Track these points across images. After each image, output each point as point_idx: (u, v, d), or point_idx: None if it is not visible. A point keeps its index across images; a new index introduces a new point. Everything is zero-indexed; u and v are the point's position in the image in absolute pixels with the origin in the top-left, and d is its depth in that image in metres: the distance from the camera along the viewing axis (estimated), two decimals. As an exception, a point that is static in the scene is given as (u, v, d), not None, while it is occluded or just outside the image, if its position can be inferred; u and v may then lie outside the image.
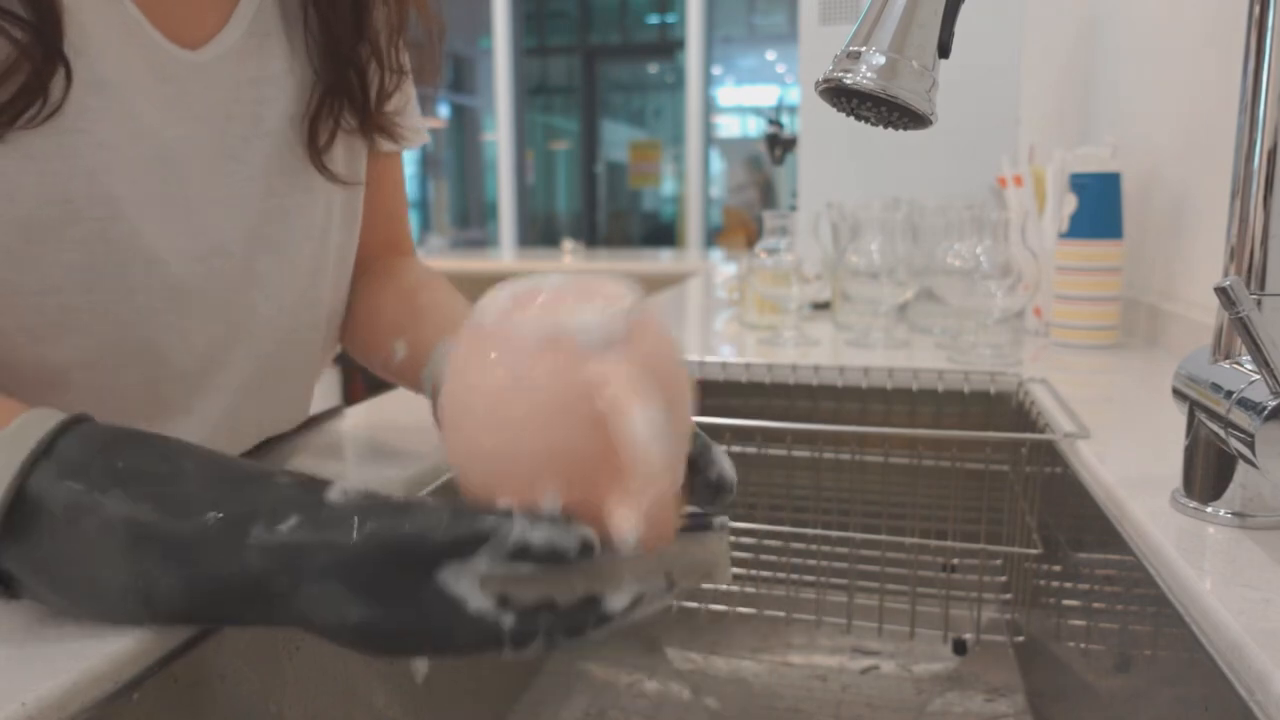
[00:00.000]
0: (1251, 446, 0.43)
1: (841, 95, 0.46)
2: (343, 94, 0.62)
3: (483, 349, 0.36)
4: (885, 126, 0.46)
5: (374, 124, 0.64)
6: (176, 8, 0.53)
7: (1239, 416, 0.45)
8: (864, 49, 0.44)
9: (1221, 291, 0.42)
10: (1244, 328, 0.42)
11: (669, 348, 0.37)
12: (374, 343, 0.67)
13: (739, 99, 7.18)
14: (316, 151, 0.61)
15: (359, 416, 0.77)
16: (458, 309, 0.65)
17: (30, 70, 0.44)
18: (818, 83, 0.46)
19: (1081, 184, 1.09)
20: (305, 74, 0.61)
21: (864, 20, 0.45)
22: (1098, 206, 1.09)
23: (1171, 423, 0.53)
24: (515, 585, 0.34)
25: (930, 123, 0.46)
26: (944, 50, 0.45)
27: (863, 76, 0.44)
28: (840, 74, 0.45)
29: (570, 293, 0.36)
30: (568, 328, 0.34)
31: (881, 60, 0.44)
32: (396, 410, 0.79)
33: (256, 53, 0.58)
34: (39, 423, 0.39)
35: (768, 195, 5.18)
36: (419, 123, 0.71)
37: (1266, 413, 0.42)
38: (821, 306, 1.40)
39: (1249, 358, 0.47)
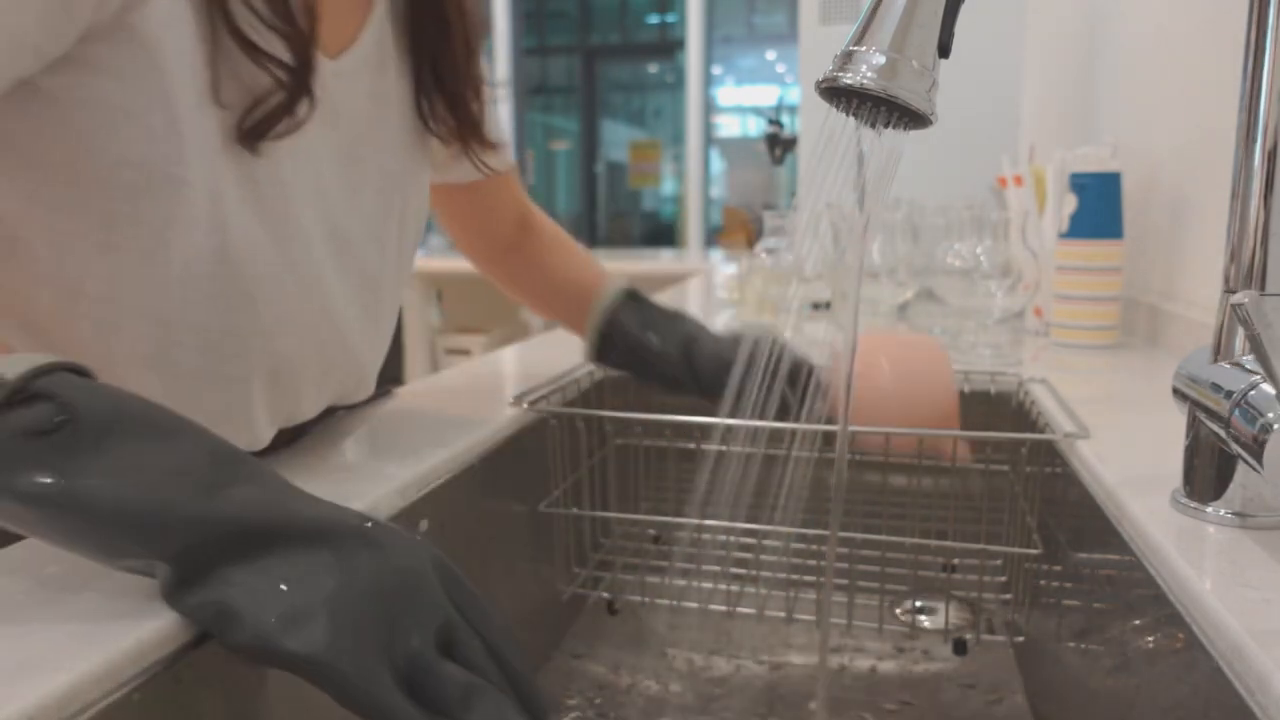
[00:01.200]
0: (1259, 457, 0.43)
1: (841, 95, 0.45)
2: (444, 102, 0.68)
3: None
4: (886, 126, 0.46)
5: (471, 131, 0.71)
6: (324, 15, 0.57)
7: (1242, 421, 0.44)
8: (863, 49, 0.44)
9: (1236, 309, 0.42)
10: (1259, 345, 0.42)
11: None
12: (557, 297, 0.89)
13: (739, 99, 7.17)
14: (427, 154, 0.70)
15: (364, 414, 0.77)
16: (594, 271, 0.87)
17: (284, 98, 0.53)
18: (817, 83, 0.46)
19: (1081, 184, 1.09)
20: (407, 86, 0.67)
21: (864, 20, 0.45)
22: (1098, 206, 1.09)
23: (1171, 423, 0.53)
24: None
25: (930, 123, 0.46)
26: (944, 50, 0.45)
27: (862, 76, 0.44)
28: (840, 74, 0.44)
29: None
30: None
31: (881, 60, 0.44)
32: (396, 416, 0.79)
33: (378, 65, 0.63)
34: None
35: (769, 199, 5.18)
36: (501, 135, 0.80)
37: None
38: (821, 306, 1.40)
39: (1249, 358, 0.47)
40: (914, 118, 0.45)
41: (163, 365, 0.54)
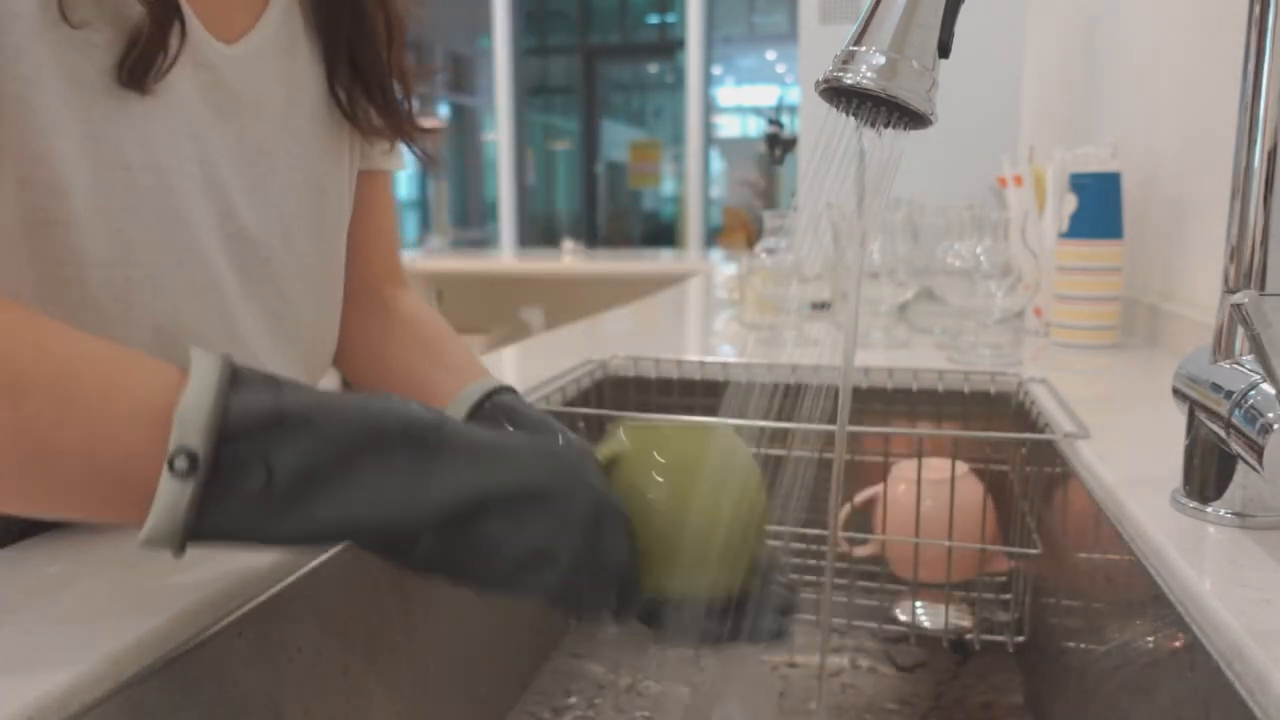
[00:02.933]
0: (1259, 457, 0.43)
1: (841, 95, 0.45)
2: (364, 94, 0.64)
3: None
4: (886, 127, 0.46)
5: (401, 126, 0.66)
6: (213, 1, 0.54)
7: (1243, 421, 0.44)
8: (864, 48, 0.44)
9: (1236, 309, 0.43)
10: (1259, 345, 0.42)
11: None
12: (384, 380, 0.70)
13: (739, 99, 7.18)
14: (347, 145, 0.65)
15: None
16: (464, 359, 0.68)
17: (151, 24, 0.47)
18: (817, 83, 0.46)
19: (1081, 184, 1.09)
20: (321, 74, 0.62)
21: (863, 19, 0.45)
22: (1098, 206, 1.09)
23: (1171, 423, 0.53)
24: None
25: (930, 123, 0.45)
26: (944, 50, 0.44)
27: (862, 76, 0.44)
28: (840, 74, 0.44)
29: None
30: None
31: (881, 60, 0.44)
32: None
33: (286, 52, 0.59)
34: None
35: (769, 199, 5.18)
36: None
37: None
38: (821, 306, 1.40)
39: (1249, 358, 0.47)
40: (914, 118, 0.45)
41: None
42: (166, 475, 0.36)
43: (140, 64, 0.47)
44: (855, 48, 0.44)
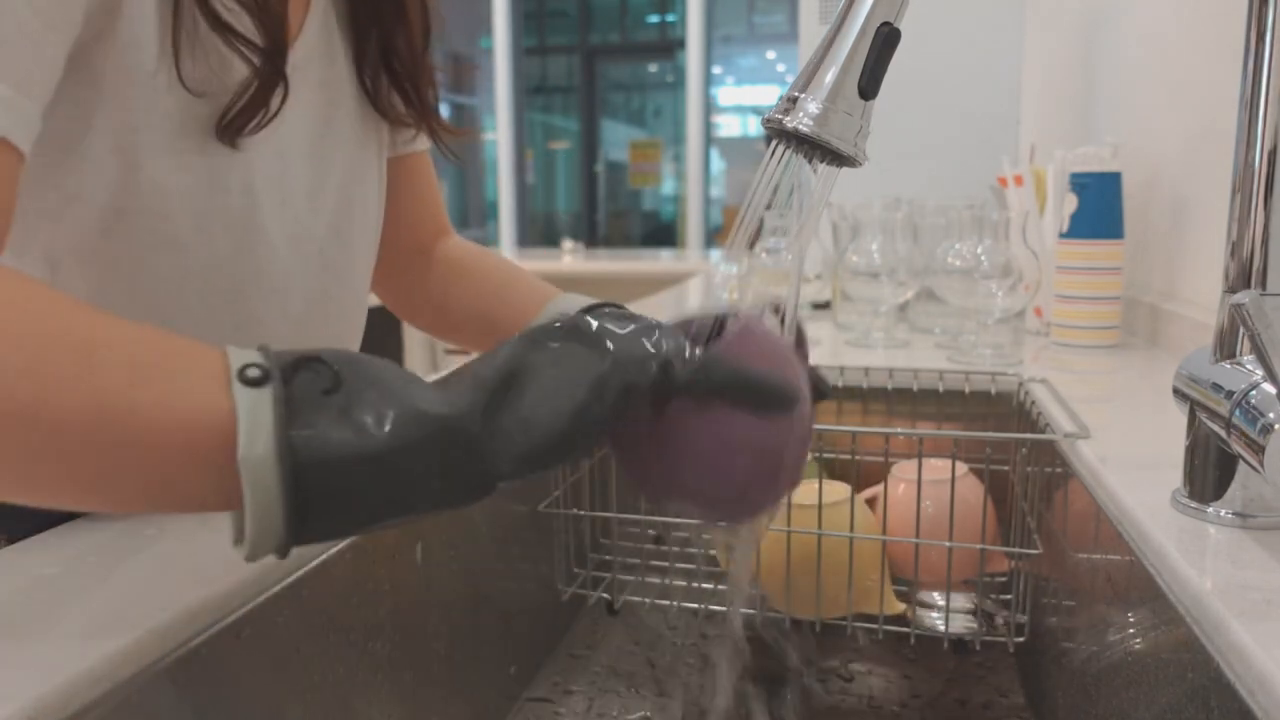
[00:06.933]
0: (1260, 457, 0.43)
1: (783, 134, 0.48)
2: (392, 83, 0.67)
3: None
4: (823, 162, 0.49)
5: (424, 115, 0.70)
6: None
7: (1243, 421, 0.44)
8: (804, 95, 0.47)
9: (1237, 309, 0.43)
10: (1259, 345, 0.42)
11: None
12: (460, 321, 0.77)
13: (739, 99, 7.18)
14: (381, 139, 0.69)
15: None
16: (524, 291, 0.73)
17: (258, 86, 0.51)
18: (764, 120, 0.49)
19: (1082, 184, 1.09)
20: (354, 72, 0.65)
21: (806, 69, 0.48)
22: (1098, 206, 1.09)
23: (1172, 423, 0.53)
24: None
25: (859, 164, 0.48)
26: (864, 94, 0.47)
27: (800, 122, 0.47)
28: (781, 117, 0.47)
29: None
30: None
31: (817, 109, 0.47)
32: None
33: (326, 56, 0.62)
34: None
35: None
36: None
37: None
38: (821, 306, 1.40)
39: (1250, 358, 0.47)
40: (845, 158, 0.48)
41: None
42: (239, 387, 0.34)
43: (241, 118, 0.52)
44: (797, 94, 0.47)
